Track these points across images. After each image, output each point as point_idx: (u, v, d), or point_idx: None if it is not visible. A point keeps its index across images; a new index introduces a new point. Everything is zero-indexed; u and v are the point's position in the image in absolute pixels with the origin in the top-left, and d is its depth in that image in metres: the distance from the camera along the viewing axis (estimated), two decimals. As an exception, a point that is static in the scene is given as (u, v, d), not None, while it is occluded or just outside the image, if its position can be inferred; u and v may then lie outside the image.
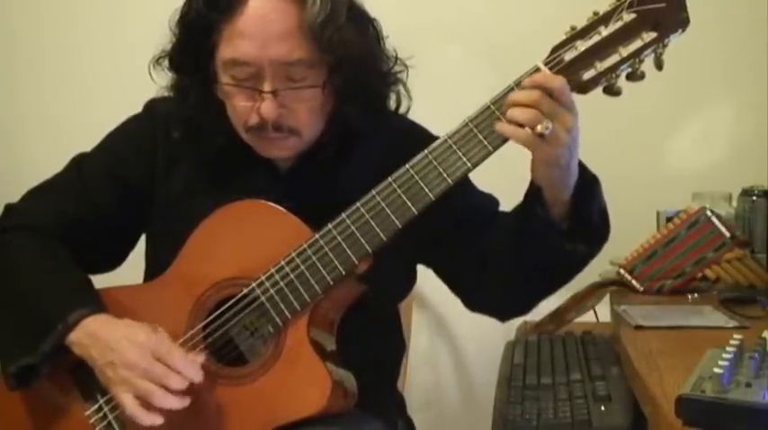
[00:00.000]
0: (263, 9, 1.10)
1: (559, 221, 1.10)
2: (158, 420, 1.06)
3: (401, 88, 1.21)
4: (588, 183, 1.11)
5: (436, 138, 1.10)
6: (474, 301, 1.25)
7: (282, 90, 1.11)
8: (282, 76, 1.11)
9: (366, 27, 1.16)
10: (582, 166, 1.10)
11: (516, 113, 1.03)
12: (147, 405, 1.05)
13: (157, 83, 1.20)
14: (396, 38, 1.20)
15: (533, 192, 1.11)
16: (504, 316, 1.27)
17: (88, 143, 1.29)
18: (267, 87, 1.11)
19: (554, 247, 1.10)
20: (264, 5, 1.10)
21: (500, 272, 1.16)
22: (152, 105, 1.26)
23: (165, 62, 1.18)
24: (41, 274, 1.17)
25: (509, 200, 1.19)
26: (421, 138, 1.10)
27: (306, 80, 1.12)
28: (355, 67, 1.13)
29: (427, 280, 1.32)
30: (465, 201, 1.20)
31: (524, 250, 1.12)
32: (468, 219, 1.20)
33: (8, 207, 1.26)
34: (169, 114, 1.22)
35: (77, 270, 1.19)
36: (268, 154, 1.18)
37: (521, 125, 1.02)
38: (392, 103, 1.22)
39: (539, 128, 1.01)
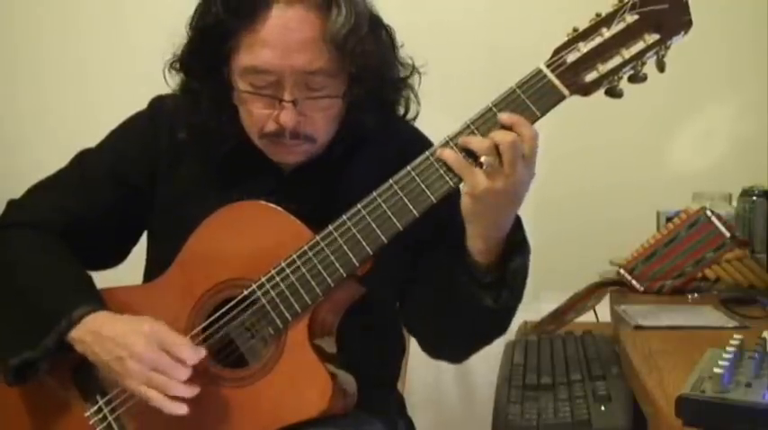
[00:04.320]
0: (287, 17, 1.09)
1: (481, 272, 1.09)
2: (183, 408, 1.06)
3: (410, 94, 1.21)
4: (517, 243, 1.10)
5: None
6: (406, 324, 1.27)
7: (302, 99, 1.11)
8: (302, 85, 1.11)
9: (382, 36, 1.16)
10: (517, 227, 1.10)
11: (473, 140, 1.03)
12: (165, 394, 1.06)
13: (171, 86, 1.19)
14: (400, 39, 1.20)
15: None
16: (427, 350, 1.25)
17: (88, 143, 1.29)
18: (287, 96, 1.11)
19: (463, 292, 1.10)
20: (288, 14, 1.09)
21: (426, 305, 1.17)
22: (158, 104, 1.25)
23: (176, 64, 1.18)
24: (43, 271, 1.17)
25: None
26: (422, 145, 1.10)
27: (325, 90, 1.12)
28: (374, 77, 1.13)
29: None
30: (454, 225, 1.19)
31: (441, 290, 1.13)
32: (448, 242, 1.18)
33: (10, 203, 1.26)
34: (175, 113, 1.21)
35: (79, 267, 1.19)
36: (281, 159, 1.18)
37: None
38: (401, 109, 1.22)
39: (482, 159, 1.01)
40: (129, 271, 1.30)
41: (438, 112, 1.21)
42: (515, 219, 1.09)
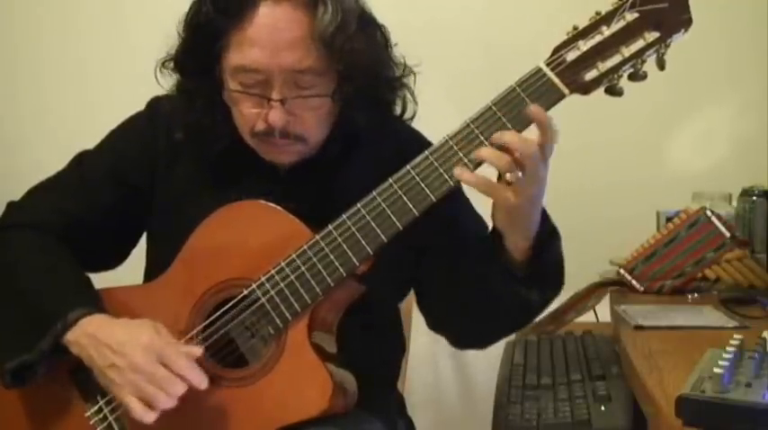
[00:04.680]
0: (274, 17, 1.09)
1: (517, 267, 1.11)
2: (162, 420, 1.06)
3: (407, 94, 1.21)
4: (548, 235, 1.11)
5: None
6: (433, 323, 1.26)
7: (291, 98, 1.11)
8: (291, 84, 1.11)
9: (375, 34, 1.16)
10: (544, 216, 1.11)
11: (490, 155, 1.02)
12: (150, 406, 1.06)
13: (163, 85, 1.19)
14: (395, 38, 1.20)
15: (494, 235, 1.11)
16: (457, 345, 1.29)
17: (88, 143, 1.29)
18: (276, 95, 1.11)
19: (507, 291, 1.11)
20: (275, 13, 1.09)
21: (459, 304, 1.17)
22: (155, 104, 1.26)
23: (170, 64, 1.18)
24: (41, 273, 1.17)
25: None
26: (421, 145, 1.10)
27: (314, 88, 1.12)
28: (364, 75, 1.13)
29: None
30: (458, 225, 1.20)
31: (480, 288, 1.13)
32: (455, 242, 1.20)
33: (10, 205, 1.26)
34: (172, 113, 1.21)
35: (77, 269, 1.19)
36: (273, 158, 1.18)
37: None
38: (398, 109, 1.22)
39: (508, 176, 1.02)
40: (130, 271, 1.30)
41: (436, 111, 1.20)
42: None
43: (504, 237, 1.10)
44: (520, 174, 1.02)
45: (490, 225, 1.16)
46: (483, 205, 1.26)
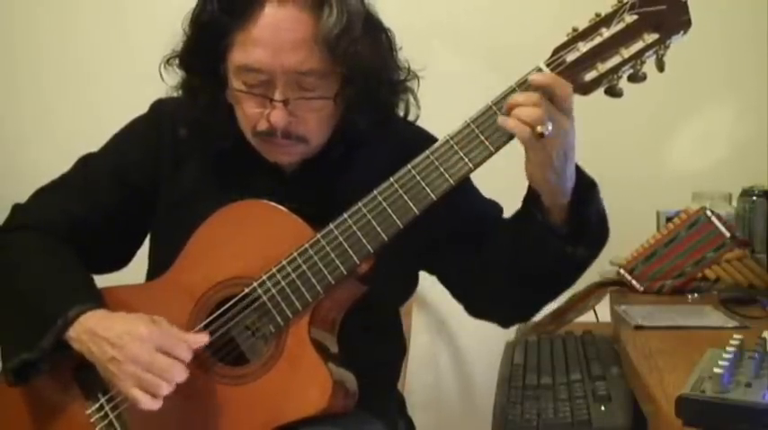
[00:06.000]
0: (278, 17, 1.10)
1: (559, 226, 1.10)
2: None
3: (410, 97, 1.21)
4: (586, 187, 1.11)
5: None
6: (476, 308, 1.26)
7: (293, 99, 1.11)
8: (294, 85, 1.11)
9: (380, 38, 1.16)
10: (579, 171, 1.10)
11: (520, 110, 1.02)
12: (152, 396, 1.06)
13: (166, 82, 1.20)
14: (400, 41, 1.20)
15: (531, 198, 1.11)
16: (506, 322, 1.28)
17: (88, 143, 1.29)
18: (278, 96, 1.11)
19: (554, 251, 1.10)
20: (280, 14, 1.10)
21: (501, 278, 1.16)
22: (159, 106, 1.26)
23: (176, 61, 1.18)
24: (43, 273, 1.18)
25: (512, 201, 1.19)
26: (426, 143, 1.10)
27: (317, 90, 1.12)
28: (368, 79, 1.13)
29: (427, 280, 1.32)
30: (469, 209, 1.21)
31: (524, 255, 1.12)
32: (472, 226, 1.20)
33: (15, 207, 1.27)
34: (176, 112, 1.22)
35: (80, 268, 1.19)
36: (274, 159, 1.18)
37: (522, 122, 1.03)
38: (401, 112, 1.22)
39: (539, 128, 1.01)
40: (131, 270, 1.30)
41: (440, 114, 1.20)
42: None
43: (542, 196, 1.09)
44: (550, 126, 1.01)
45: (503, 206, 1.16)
46: (489, 195, 1.27)
